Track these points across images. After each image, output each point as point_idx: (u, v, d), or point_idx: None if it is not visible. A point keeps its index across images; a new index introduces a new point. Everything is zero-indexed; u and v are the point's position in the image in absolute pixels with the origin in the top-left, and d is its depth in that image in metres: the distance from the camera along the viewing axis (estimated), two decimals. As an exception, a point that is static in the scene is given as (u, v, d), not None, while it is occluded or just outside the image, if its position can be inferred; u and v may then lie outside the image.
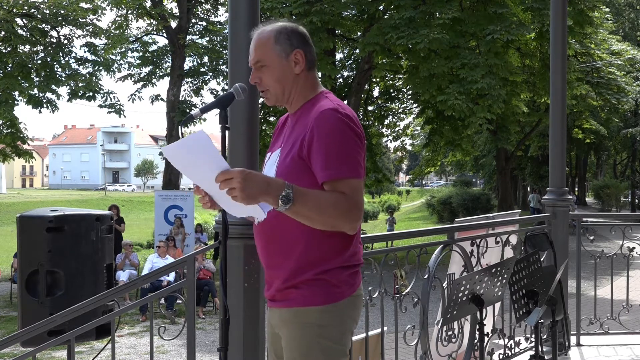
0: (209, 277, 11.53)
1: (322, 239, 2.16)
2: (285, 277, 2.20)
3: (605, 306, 6.11)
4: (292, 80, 2.25)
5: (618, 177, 44.73)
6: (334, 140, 2.10)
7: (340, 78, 21.21)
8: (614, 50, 21.95)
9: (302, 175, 2.13)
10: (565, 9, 5.49)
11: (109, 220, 3.81)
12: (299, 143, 2.15)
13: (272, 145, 2.40)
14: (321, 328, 2.18)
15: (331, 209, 2.06)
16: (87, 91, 20.05)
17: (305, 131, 2.15)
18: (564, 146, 5.45)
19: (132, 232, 26.97)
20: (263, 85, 2.27)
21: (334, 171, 2.09)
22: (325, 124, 2.11)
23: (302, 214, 2.05)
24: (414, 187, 75.54)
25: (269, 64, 2.24)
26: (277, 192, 1.98)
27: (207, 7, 23.40)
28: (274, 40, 2.23)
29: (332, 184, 2.09)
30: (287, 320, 2.22)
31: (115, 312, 3.53)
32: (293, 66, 2.24)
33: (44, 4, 19.67)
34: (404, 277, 10.17)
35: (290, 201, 1.99)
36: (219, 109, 2.19)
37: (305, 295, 2.18)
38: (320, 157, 2.10)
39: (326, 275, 2.18)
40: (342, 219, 2.09)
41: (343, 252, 2.20)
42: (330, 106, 2.16)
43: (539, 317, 3.47)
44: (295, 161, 2.15)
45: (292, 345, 2.21)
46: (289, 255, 2.19)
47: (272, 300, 2.30)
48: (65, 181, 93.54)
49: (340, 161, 2.09)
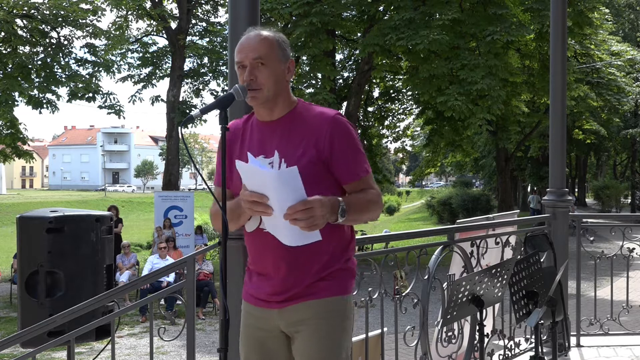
0: (208, 277, 11.53)
1: (341, 230, 2.34)
2: (317, 270, 2.30)
3: (605, 307, 6.11)
4: (282, 86, 2.32)
5: (618, 178, 44.72)
6: (354, 143, 2.31)
7: (340, 79, 21.21)
8: (614, 51, 21.95)
9: (323, 177, 2.27)
10: (565, 10, 5.49)
11: (108, 221, 3.80)
12: (314, 148, 2.26)
13: (234, 149, 2.37)
14: (345, 315, 2.34)
15: (371, 205, 2.30)
16: (87, 92, 20.02)
17: (314, 135, 2.26)
18: (564, 147, 5.44)
19: (132, 232, 26.98)
20: (257, 84, 2.26)
21: (361, 169, 2.31)
22: (342, 130, 2.29)
23: (351, 219, 2.24)
24: (414, 188, 75.51)
25: (269, 64, 2.26)
26: (337, 207, 2.17)
27: (207, 7, 23.38)
28: (276, 44, 2.30)
29: (361, 181, 2.30)
30: (317, 310, 2.30)
31: (115, 312, 3.53)
32: (286, 73, 2.33)
33: (44, 5, 19.67)
34: (403, 278, 10.17)
35: (345, 212, 2.19)
36: (218, 110, 2.19)
37: (332, 286, 2.32)
38: (346, 160, 2.29)
39: (348, 264, 2.37)
40: (377, 210, 2.34)
41: (352, 243, 2.41)
42: (334, 113, 2.33)
43: (539, 318, 3.47)
44: (315, 164, 2.26)
45: (322, 333, 2.29)
46: (319, 251, 2.28)
47: (288, 300, 2.32)
48: (65, 182, 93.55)
49: (363, 160, 2.32)
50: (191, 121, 2.26)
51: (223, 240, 2.19)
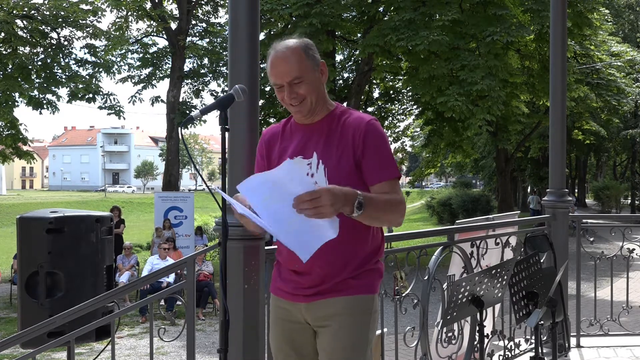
0: (209, 278, 11.53)
1: (377, 233, 2.45)
2: (349, 270, 2.36)
3: (605, 307, 6.11)
4: (322, 90, 2.41)
5: (618, 179, 44.69)
6: (384, 147, 2.39)
7: (340, 80, 21.21)
8: (614, 51, 21.94)
9: (356, 177, 2.33)
10: (565, 11, 5.49)
11: (108, 221, 3.80)
12: (351, 149, 2.35)
13: (273, 151, 2.44)
14: (374, 314, 2.42)
15: (391, 207, 2.31)
16: (87, 93, 20.03)
17: (351, 139, 2.35)
18: (563, 147, 5.45)
19: (132, 233, 26.96)
20: (300, 98, 2.34)
21: (388, 172, 2.35)
22: (376, 133, 2.38)
23: (370, 215, 2.22)
24: (414, 188, 75.49)
25: (306, 79, 2.33)
26: (353, 199, 2.14)
27: (207, 8, 23.39)
28: (305, 55, 2.35)
29: (386, 183, 2.34)
30: (346, 307, 2.35)
31: (115, 313, 3.53)
32: (321, 77, 2.40)
33: (44, 6, 19.69)
34: (403, 278, 10.18)
35: (362, 206, 2.16)
36: (218, 111, 2.20)
37: (362, 285, 2.38)
38: (375, 161, 2.35)
39: (377, 265, 2.45)
40: (399, 214, 2.34)
41: (383, 244, 2.50)
42: (370, 118, 2.42)
43: (539, 319, 3.47)
44: (351, 165, 2.34)
45: (349, 329, 2.35)
46: (355, 252, 2.37)
47: (317, 294, 2.38)
48: (65, 182, 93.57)
49: (391, 165, 2.38)
50: (191, 122, 2.27)
51: (223, 241, 2.19)
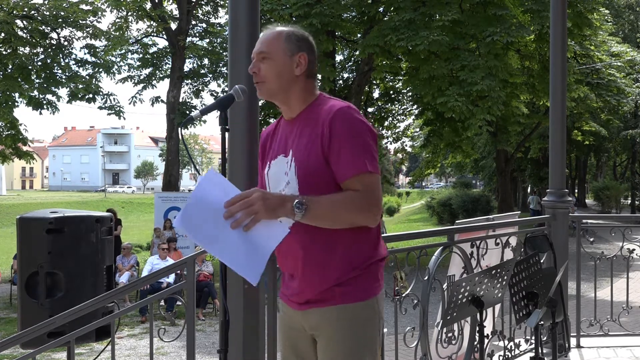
0: (208, 278, 11.52)
1: (359, 233, 2.19)
2: (332, 276, 2.19)
3: (605, 308, 6.11)
4: (290, 80, 2.24)
5: (618, 179, 44.69)
6: (355, 137, 2.13)
7: (340, 80, 21.21)
8: (614, 52, 21.94)
9: (327, 174, 2.15)
10: (565, 11, 5.49)
11: (108, 222, 3.80)
12: (319, 141, 2.15)
13: (267, 153, 2.39)
14: (366, 321, 2.22)
15: (347, 205, 2.10)
16: (87, 93, 20.05)
17: (320, 130, 2.16)
18: (563, 148, 5.45)
19: (132, 233, 26.97)
20: (260, 77, 2.26)
21: (355, 166, 2.11)
22: (344, 121, 2.13)
23: (319, 217, 2.08)
24: (414, 188, 75.50)
25: (272, 57, 2.23)
26: (291, 199, 2.04)
27: (207, 8, 23.40)
28: (284, 38, 2.25)
29: (355, 179, 2.12)
30: (333, 318, 2.20)
31: (115, 313, 3.53)
32: (294, 67, 2.24)
33: (44, 6, 19.69)
34: (403, 278, 10.17)
35: (303, 205, 2.03)
36: (218, 111, 2.20)
37: (350, 292, 2.19)
38: (343, 154, 2.12)
39: (369, 270, 2.23)
40: (361, 213, 2.12)
41: (377, 245, 2.27)
42: (343, 104, 2.18)
43: (539, 319, 3.47)
44: (319, 159, 2.15)
45: (339, 342, 2.21)
46: (332, 254, 2.19)
47: (307, 303, 2.26)
48: (65, 183, 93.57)
49: (360, 156, 2.12)
50: (191, 122, 2.28)
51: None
